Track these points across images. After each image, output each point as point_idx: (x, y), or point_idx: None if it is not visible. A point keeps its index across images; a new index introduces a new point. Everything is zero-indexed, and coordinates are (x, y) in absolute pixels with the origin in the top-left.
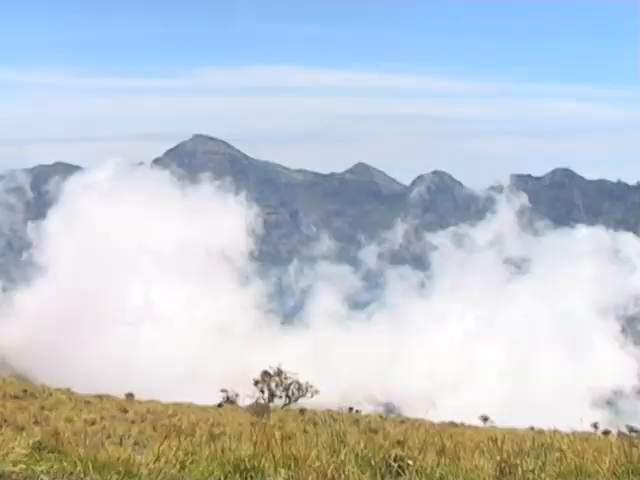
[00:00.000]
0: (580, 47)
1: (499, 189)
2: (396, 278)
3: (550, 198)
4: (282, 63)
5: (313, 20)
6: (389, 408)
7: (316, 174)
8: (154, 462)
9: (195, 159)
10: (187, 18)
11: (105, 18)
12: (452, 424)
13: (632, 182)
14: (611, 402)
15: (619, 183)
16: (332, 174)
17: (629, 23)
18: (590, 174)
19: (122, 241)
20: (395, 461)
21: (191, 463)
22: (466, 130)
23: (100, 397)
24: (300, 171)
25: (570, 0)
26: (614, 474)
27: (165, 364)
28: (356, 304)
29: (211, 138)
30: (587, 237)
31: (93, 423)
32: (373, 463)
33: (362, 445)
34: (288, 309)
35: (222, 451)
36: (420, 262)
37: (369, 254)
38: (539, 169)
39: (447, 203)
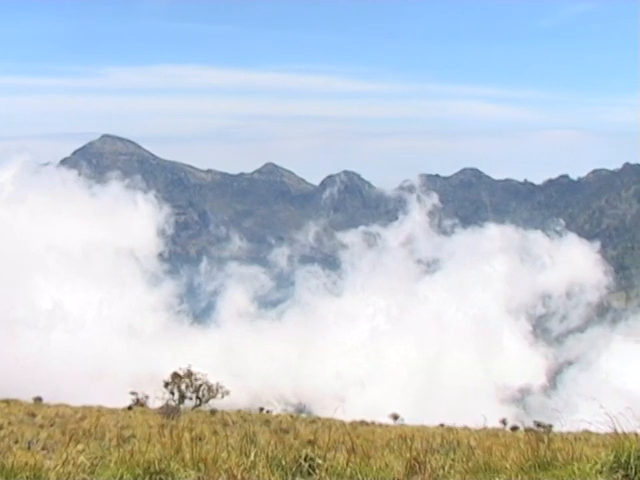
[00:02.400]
0: (487, 49)
1: (410, 189)
2: (306, 277)
3: (458, 197)
4: (191, 63)
5: (223, 20)
6: (300, 407)
7: (225, 174)
8: (62, 466)
9: (103, 159)
10: (95, 16)
11: (10, 16)
12: (363, 423)
13: (538, 182)
14: (520, 399)
15: (525, 183)
16: (241, 174)
17: (535, 26)
18: (497, 174)
19: (29, 242)
20: (306, 461)
21: (100, 467)
22: (375, 130)
23: (7, 402)
24: (209, 171)
25: (476, 3)
26: (521, 469)
27: (75, 366)
28: (267, 303)
29: (119, 138)
30: (497, 235)
31: (0, 428)
32: (284, 463)
33: (273, 445)
34: (198, 309)
35: (131, 454)
36: (330, 261)
37: (279, 254)
38: (447, 169)
39: (356, 203)
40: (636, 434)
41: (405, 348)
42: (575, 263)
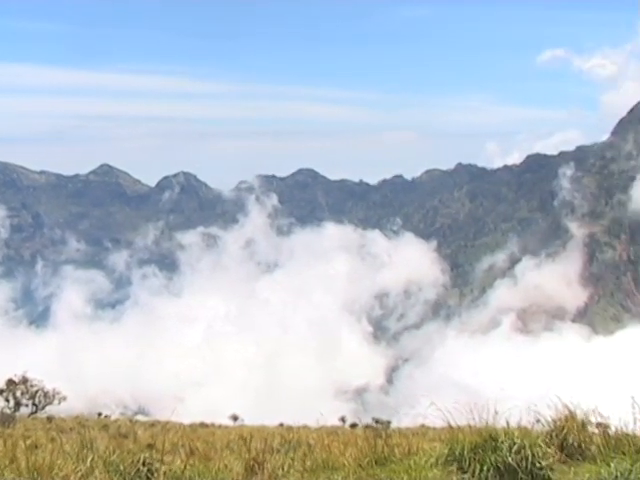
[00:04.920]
0: (324, 51)
1: (249, 190)
2: (144, 279)
3: (295, 198)
4: (23, 61)
5: (58, 19)
6: (139, 410)
7: (59, 175)
8: None
9: None
10: None
11: None
12: (203, 424)
13: (373, 182)
14: (359, 397)
15: (361, 183)
16: (76, 175)
17: (370, 29)
18: (333, 174)
19: None
20: (144, 465)
21: None
22: (212, 131)
23: None
24: (42, 172)
25: (312, 5)
26: (359, 465)
27: None
28: (104, 306)
29: None
30: (336, 235)
31: None
32: (122, 468)
33: (111, 451)
34: (35, 313)
35: None
36: (168, 263)
37: (116, 255)
38: (284, 170)
39: (193, 204)
40: (470, 427)
41: (245, 349)
42: (413, 262)
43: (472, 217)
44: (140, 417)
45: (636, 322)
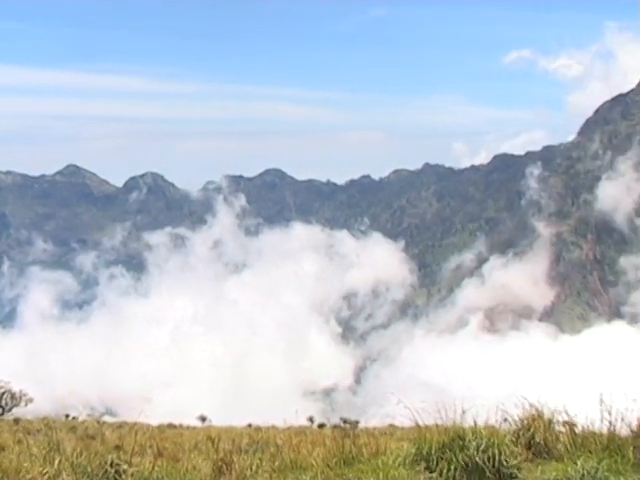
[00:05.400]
0: (290, 51)
1: (217, 190)
2: (112, 279)
3: (262, 198)
4: None
5: (23, 18)
6: (107, 411)
7: (25, 176)
8: None
9: None
10: None
11: None
12: (171, 425)
13: (340, 182)
14: (328, 397)
15: (328, 183)
16: (42, 176)
17: (337, 29)
18: (300, 174)
19: None
20: (112, 466)
21: None
22: (179, 131)
23: None
24: (8, 173)
25: (278, 5)
26: (327, 465)
27: None
28: (71, 306)
29: None
30: (304, 235)
31: None
32: (89, 470)
33: (78, 452)
34: (1, 314)
35: None
36: (136, 263)
37: (84, 256)
38: (251, 170)
39: (160, 204)
40: (437, 426)
41: (213, 349)
42: (381, 262)
43: (439, 217)
44: (108, 418)
45: (602, 321)
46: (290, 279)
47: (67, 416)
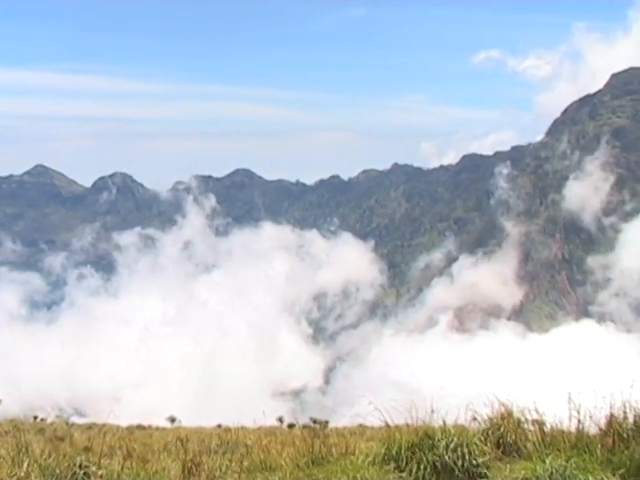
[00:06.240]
0: (259, 51)
1: (187, 190)
2: (81, 280)
3: (231, 198)
4: None
5: None
6: (76, 412)
7: None
8: None
9: None
10: None
11: None
12: (140, 427)
13: (310, 182)
14: (298, 397)
15: (297, 183)
16: (10, 176)
17: (306, 30)
18: (269, 175)
19: None
20: (81, 468)
21: None
22: (147, 131)
23: None
24: None
25: (247, 4)
26: (297, 465)
27: None
28: (40, 307)
29: None
30: (274, 235)
31: None
32: (58, 472)
33: (47, 454)
34: None
35: None
36: (105, 264)
37: (52, 256)
38: (220, 170)
39: (130, 204)
40: (407, 425)
41: (183, 349)
42: (351, 262)
43: (408, 217)
44: (76, 419)
45: (570, 320)
46: (260, 279)
47: (35, 418)
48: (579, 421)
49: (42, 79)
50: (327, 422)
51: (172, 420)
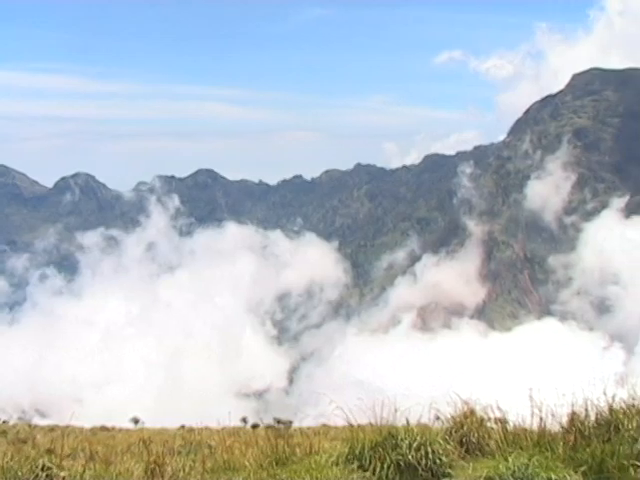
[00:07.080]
0: (225, 52)
1: (150, 190)
2: (43, 280)
3: (194, 198)
4: None
5: None
6: (38, 414)
7: None
8: None
9: None
10: None
11: None
12: (103, 428)
13: (272, 182)
14: (262, 398)
15: (260, 183)
16: None
17: (271, 30)
18: (232, 174)
19: None
20: (43, 470)
21: None
22: (109, 131)
23: None
24: None
25: (215, 6)
26: (260, 466)
27: None
28: (2, 308)
29: None
30: (238, 235)
31: None
32: (20, 474)
33: (9, 457)
34: None
35: None
36: (67, 265)
37: (15, 258)
38: (182, 170)
39: (92, 205)
40: (370, 425)
41: (146, 350)
42: (315, 262)
43: (371, 217)
44: (39, 421)
45: (532, 318)
46: (224, 280)
47: None
48: (541, 419)
49: (6, 79)
50: (291, 422)
51: (135, 421)
